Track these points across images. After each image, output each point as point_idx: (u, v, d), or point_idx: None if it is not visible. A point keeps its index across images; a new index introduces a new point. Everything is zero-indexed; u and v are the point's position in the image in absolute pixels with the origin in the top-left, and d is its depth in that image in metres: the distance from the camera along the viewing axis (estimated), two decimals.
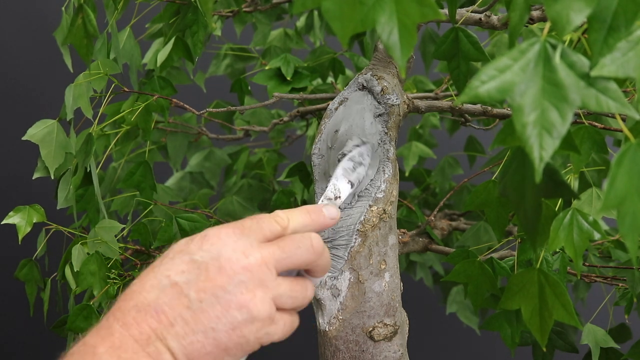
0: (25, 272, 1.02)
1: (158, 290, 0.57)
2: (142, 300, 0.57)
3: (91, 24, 0.92)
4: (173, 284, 0.57)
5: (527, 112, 0.49)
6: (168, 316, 0.56)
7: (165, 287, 0.57)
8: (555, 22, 0.49)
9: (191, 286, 0.57)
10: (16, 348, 1.67)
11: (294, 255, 0.61)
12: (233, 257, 0.58)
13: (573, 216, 0.74)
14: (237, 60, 1.29)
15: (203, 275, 0.57)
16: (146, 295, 0.57)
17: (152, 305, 0.57)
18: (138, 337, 0.56)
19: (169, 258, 0.59)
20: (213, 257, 0.58)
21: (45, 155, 0.94)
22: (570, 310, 0.69)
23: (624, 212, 0.50)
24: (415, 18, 0.51)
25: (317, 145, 0.83)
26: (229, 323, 0.57)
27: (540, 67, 0.50)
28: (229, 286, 0.57)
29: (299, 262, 0.62)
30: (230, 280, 0.57)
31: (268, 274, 0.59)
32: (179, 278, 0.58)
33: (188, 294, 0.57)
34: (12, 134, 1.09)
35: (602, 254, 1.02)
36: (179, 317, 0.56)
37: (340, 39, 0.51)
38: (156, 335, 0.56)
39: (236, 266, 0.58)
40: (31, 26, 1.71)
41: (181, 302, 0.57)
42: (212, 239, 0.59)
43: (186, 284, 0.57)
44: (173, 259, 0.59)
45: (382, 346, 0.79)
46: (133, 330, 0.56)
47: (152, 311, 0.56)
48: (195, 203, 1.20)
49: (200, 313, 0.57)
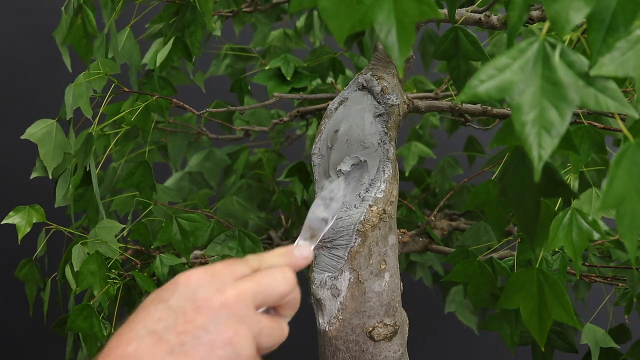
0: (25, 272, 1.02)
1: (136, 341, 0.55)
2: (119, 355, 0.54)
3: (90, 24, 0.92)
4: (151, 332, 0.55)
5: (526, 111, 0.49)
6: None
7: (143, 337, 0.55)
8: (555, 21, 0.49)
9: (170, 331, 0.55)
10: (16, 348, 1.67)
11: (269, 288, 0.60)
12: (209, 296, 0.57)
13: (572, 216, 0.74)
14: (237, 60, 1.29)
15: (181, 319, 0.56)
16: (124, 349, 0.55)
17: (131, 357, 0.54)
18: None
19: (143, 310, 0.57)
20: (188, 299, 0.57)
21: (44, 154, 0.94)
22: (569, 310, 0.69)
23: (622, 212, 0.50)
24: (413, 17, 0.51)
25: (317, 145, 0.83)
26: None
27: (539, 66, 0.50)
28: (209, 325, 0.56)
29: (274, 295, 0.60)
30: (209, 319, 0.56)
31: (246, 310, 0.58)
32: (156, 326, 0.55)
33: (168, 340, 0.55)
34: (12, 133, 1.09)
35: (602, 254, 1.02)
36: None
37: (337, 38, 0.51)
38: None
39: (214, 304, 0.56)
40: (31, 26, 1.71)
41: (162, 349, 0.54)
42: (184, 282, 0.58)
43: (165, 330, 0.55)
44: (147, 309, 0.57)
45: (382, 346, 0.79)
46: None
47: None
48: (195, 203, 1.20)
49: (184, 356, 0.54)
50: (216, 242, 0.99)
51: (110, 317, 0.96)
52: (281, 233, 1.17)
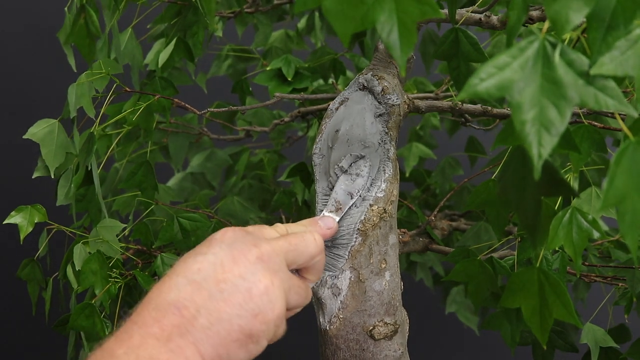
0: (27, 272, 1.02)
1: (176, 289, 0.57)
2: (161, 301, 0.57)
3: (93, 24, 0.92)
4: (191, 281, 0.58)
5: (526, 110, 0.49)
6: (190, 310, 0.56)
7: (183, 286, 0.57)
8: (555, 21, 0.49)
9: (209, 280, 0.58)
10: (18, 347, 1.68)
11: (300, 248, 0.63)
12: (245, 249, 0.60)
13: (572, 215, 0.74)
14: (238, 61, 1.29)
15: (219, 269, 0.58)
16: (165, 296, 0.57)
17: (172, 303, 0.57)
18: (159, 334, 0.55)
19: (182, 262, 0.60)
20: (225, 252, 0.59)
21: (46, 154, 0.94)
22: (571, 309, 0.69)
23: (623, 210, 0.50)
24: (414, 16, 0.51)
25: (317, 145, 0.83)
26: (251, 309, 0.58)
27: (539, 64, 0.50)
28: (246, 275, 0.58)
29: (304, 255, 0.64)
30: (246, 269, 0.59)
31: (280, 265, 0.61)
32: (196, 276, 0.58)
33: (208, 287, 0.57)
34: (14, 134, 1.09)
35: (602, 253, 1.03)
36: (202, 309, 0.56)
37: (341, 39, 0.52)
38: (179, 331, 0.55)
39: (250, 256, 0.59)
40: (33, 26, 1.72)
41: (202, 295, 0.57)
42: (219, 238, 0.61)
43: (204, 280, 0.58)
44: (185, 262, 0.60)
45: (383, 345, 0.79)
46: (153, 329, 0.55)
47: (173, 308, 0.56)
48: (196, 203, 1.21)
49: (223, 302, 0.57)
50: None
51: (112, 316, 0.96)
52: None
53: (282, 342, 0.65)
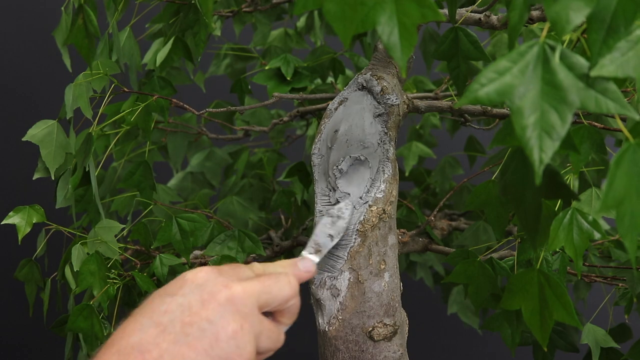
0: (25, 272, 1.02)
1: (140, 332, 0.55)
2: (124, 344, 0.55)
3: (92, 24, 0.92)
4: (156, 323, 0.56)
5: (527, 115, 0.49)
6: (153, 354, 0.54)
7: (147, 328, 0.55)
8: (555, 22, 0.49)
9: (175, 323, 0.56)
10: (16, 348, 1.67)
11: (273, 291, 0.61)
12: (215, 290, 0.57)
13: (573, 216, 0.74)
14: (237, 60, 1.29)
15: (186, 312, 0.56)
16: (128, 339, 0.55)
17: (135, 347, 0.54)
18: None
19: (148, 303, 0.58)
20: (195, 293, 0.57)
21: (46, 155, 0.94)
22: (571, 310, 0.69)
23: (622, 212, 0.50)
24: (415, 18, 0.51)
25: (316, 145, 0.83)
26: (217, 355, 0.55)
27: (539, 69, 0.50)
28: (214, 318, 0.56)
29: (277, 298, 0.61)
30: (215, 312, 0.56)
31: (251, 308, 0.58)
32: (161, 318, 0.56)
33: (173, 330, 0.55)
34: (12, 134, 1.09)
35: (602, 254, 1.02)
36: (166, 354, 0.54)
37: (342, 40, 0.51)
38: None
39: (220, 297, 0.57)
40: (31, 26, 1.71)
41: (166, 339, 0.55)
42: (191, 279, 0.59)
43: (170, 323, 0.56)
44: (152, 303, 0.58)
45: (382, 346, 0.79)
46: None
47: (136, 352, 0.54)
48: (195, 203, 1.20)
49: (187, 347, 0.55)
50: (216, 242, 0.99)
51: (110, 317, 0.96)
52: (281, 233, 1.17)
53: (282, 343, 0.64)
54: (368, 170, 0.79)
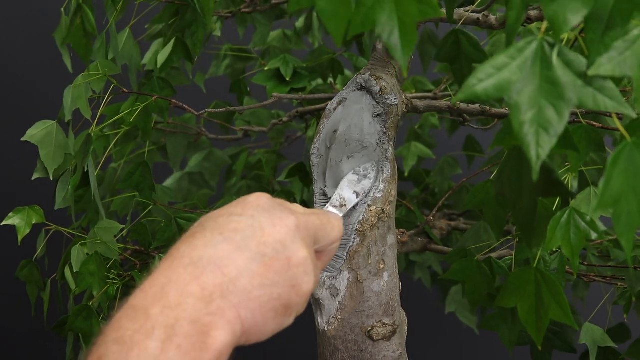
0: (26, 273, 1.02)
1: (212, 247, 0.52)
2: (196, 256, 0.51)
3: (90, 24, 0.92)
4: (228, 240, 0.53)
5: (524, 110, 0.49)
6: (231, 269, 0.51)
7: (220, 244, 0.52)
8: (553, 21, 0.49)
9: (249, 241, 0.53)
10: (17, 348, 1.67)
11: (328, 229, 0.60)
12: (283, 216, 0.56)
13: (570, 215, 0.74)
14: (236, 60, 1.29)
15: (259, 232, 0.54)
16: (201, 252, 0.52)
17: (212, 260, 0.51)
18: (199, 294, 0.49)
19: (211, 220, 0.55)
20: (263, 215, 0.55)
21: (45, 156, 0.94)
22: (566, 310, 0.69)
23: (619, 211, 0.50)
24: (415, 17, 0.51)
25: (316, 145, 0.83)
26: (289, 279, 0.54)
27: (538, 65, 0.50)
28: (287, 242, 0.55)
29: (329, 237, 0.61)
30: (286, 236, 0.55)
31: (311, 240, 0.58)
32: (233, 235, 0.53)
33: (249, 248, 0.53)
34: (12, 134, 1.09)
35: (601, 253, 1.02)
36: (245, 270, 0.52)
37: (335, 39, 0.51)
38: (220, 292, 0.50)
39: (289, 223, 0.56)
40: (31, 27, 1.71)
41: (243, 256, 0.52)
42: (255, 202, 0.57)
43: (243, 241, 0.53)
44: (216, 220, 0.55)
45: (381, 346, 0.79)
46: (192, 286, 0.50)
47: (212, 265, 0.51)
48: (194, 203, 1.20)
49: (264, 267, 0.53)
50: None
51: (110, 317, 0.96)
52: None
53: (281, 343, 0.64)
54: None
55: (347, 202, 0.72)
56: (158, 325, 0.47)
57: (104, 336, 0.48)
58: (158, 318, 0.48)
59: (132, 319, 0.48)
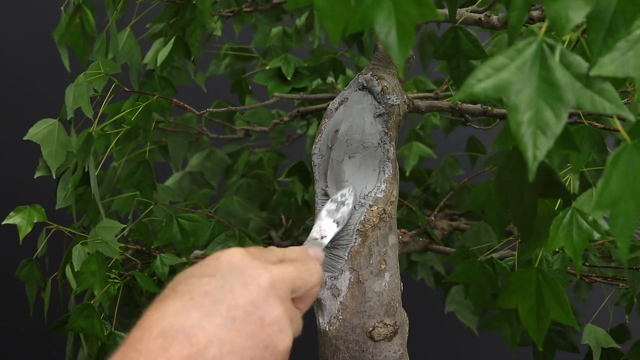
0: (26, 272, 1.02)
1: (182, 314, 0.52)
2: (166, 326, 0.51)
3: (89, 24, 0.92)
4: (199, 305, 0.52)
5: (522, 111, 0.49)
6: (200, 339, 0.51)
7: (190, 310, 0.52)
8: (554, 21, 0.49)
9: (219, 306, 0.53)
10: (16, 348, 1.67)
11: (306, 277, 0.59)
12: (256, 274, 0.55)
13: (572, 216, 0.74)
14: (236, 60, 1.29)
15: (229, 294, 0.53)
16: (171, 321, 0.51)
17: (180, 329, 0.51)
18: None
19: (183, 283, 0.55)
20: (234, 275, 0.55)
21: (47, 154, 0.94)
22: (568, 310, 0.69)
23: (617, 213, 0.50)
24: (413, 18, 0.51)
25: (317, 145, 0.83)
26: (262, 341, 0.53)
27: (537, 66, 0.50)
28: (259, 302, 0.54)
29: (308, 284, 0.60)
30: (258, 296, 0.54)
31: (287, 294, 0.57)
32: (203, 300, 0.53)
33: (218, 313, 0.52)
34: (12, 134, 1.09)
35: (603, 254, 1.02)
36: (214, 338, 0.51)
37: (331, 38, 0.51)
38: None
39: (262, 281, 0.55)
40: (32, 26, 1.71)
41: (212, 322, 0.52)
42: (227, 260, 0.56)
43: (213, 305, 0.53)
44: (188, 283, 0.55)
45: (382, 346, 0.79)
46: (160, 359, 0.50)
47: (181, 335, 0.50)
48: (195, 203, 1.20)
49: (235, 331, 0.52)
50: (216, 242, 0.99)
51: (111, 317, 0.96)
52: (282, 233, 1.17)
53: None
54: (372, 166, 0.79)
55: (328, 232, 0.72)
56: None
57: None
58: None
59: None
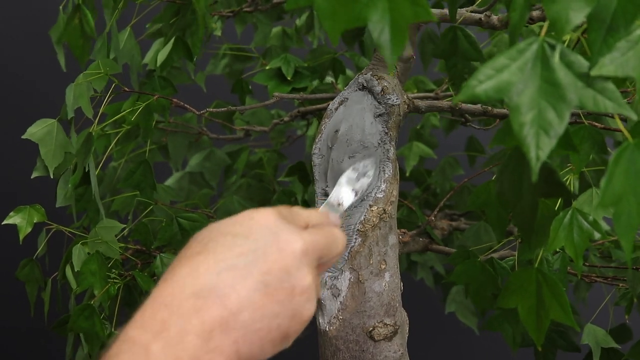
0: (26, 272, 1.02)
1: (215, 275, 0.50)
2: (200, 287, 0.50)
3: (88, 24, 0.92)
4: (231, 267, 0.51)
5: (525, 112, 0.49)
6: (233, 301, 0.49)
7: (223, 271, 0.50)
8: (555, 21, 0.49)
9: (253, 268, 0.51)
10: (16, 348, 1.67)
11: (333, 246, 0.58)
12: (291, 239, 0.53)
13: (573, 216, 0.74)
14: (235, 60, 1.29)
15: (262, 258, 0.52)
16: (204, 281, 0.50)
17: (213, 291, 0.49)
18: (199, 330, 0.48)
19: (214, 241, 0.53)
20: (268, 239, 0.53)
21: (45, 154, 0.94)
22: (567, 310, 0.69)
23: (620, 212, 0.50)
24: (407, 17, 0.50)
25: (317, 145, 0.83)
26: (291, 309, 0.52)
27: (538, 66, 0.50)
28: (292, 269, 0.52)
29: (333, 253, 0.59)
30: (292, 263, 0.53)
31: (316, 262, 0.56)
32: (236, 261, 0.51)
33: (252, 276, 0.51)
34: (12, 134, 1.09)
35: (603, 254, 1.02)
36: (246, 302, 0.50)
37: (330, 37, 0.51)
38: (221, 327, 0.49)
39: (296, 248, 0.53)
40: (32, 26, 1.71)
41: (246, 286, 0.50)
42: (261, 222, 0.54)
43: (246, 268, 0.51)
44: (220, 242, 0.53)
45: (382, 346, 0.79)
46: (193, 321, 0.48)
47: (214, 297, 0.49)
48: (195, 203, 1.20)
49: (266, 297, 0.51)
50: None
51: (111, 317, 0.96)
52: None
53: None
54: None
55: (345, 201, 0.71)
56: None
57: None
58: (159, 356, 0.47)
59: (132, 355, 0.47)
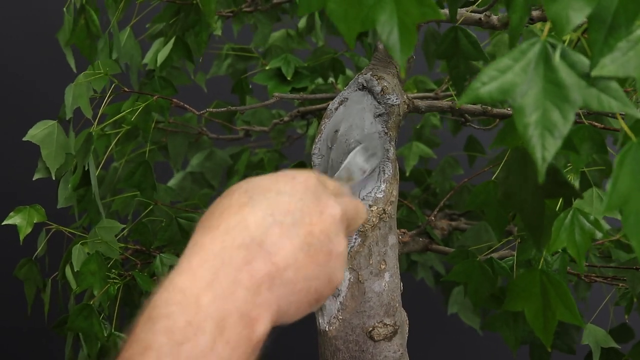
0: (25, 272, 1.02)
1: (264, 228, 0.49)
2: (249, 239, 0.49)
3: (94, 24, 0.92)
4: (279, 223, 0.50)
5: (529, 113, 0.49)
6: (280, 258, 0.49)
7: (271, 226, 0.50)
8: (555, 21, 0.49)
9: (298, 228, 0.50)
10: (17, 348, 1.67)
11: (359, 216, 0.58)
12: (330, 204, 0.53)
13: (574, 216, 0.74)
14: (238, 60, 1.29)
15: (307, 218, 0.51)
16: (252, 233, 0.49)
17: (262, 245, 0.49)
18: (248, 284, 0.47)
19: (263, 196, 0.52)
20: (311, 200, 0.52)
21: (46, 155, 0.94)
22: (574, 310, 0.69)
23: (628, 212, 0.50)
24: (415, 17, 0.51)
25: (317, 145, 0.83)
26: (327, 273, 0.52)
27: (541, 67, 0.49)
28: (331, 233, 0.52)
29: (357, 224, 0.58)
30: (331, 227, 0.52)
31: (346, 230, 0.56)
32: (283, 218, 0.50)
33: (298, 235, 0.50)
34: (12, 134, 1.09)
35: (603, 254, 1.02)
36: (292, 261, 0.49)
37: (347, 40, 0.51)
38: (268, 283, 0.48)
39: (335, 213, 0.53)
40: (32, 26, 1.71)
41: (292, 244, 0.50)
42: (304, 183, 0.53)
43: (293, 226, 0.50)
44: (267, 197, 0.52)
45: (382, 346, 0.79)
46: (242, 274, 0.47)
47: (264, 252, 0.49)
48: (195, 203, 1.20)
49: (309, 258, 0.50)
50: None
51: (111, 317, 0.96)
52: None
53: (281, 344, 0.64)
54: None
55: (355, 176, 0.69)
56: (209, 318, 0.46)
57: (149, 321, 0.46)
58: (209, 309, 0.46)
59: (182, 307, 0.46)
